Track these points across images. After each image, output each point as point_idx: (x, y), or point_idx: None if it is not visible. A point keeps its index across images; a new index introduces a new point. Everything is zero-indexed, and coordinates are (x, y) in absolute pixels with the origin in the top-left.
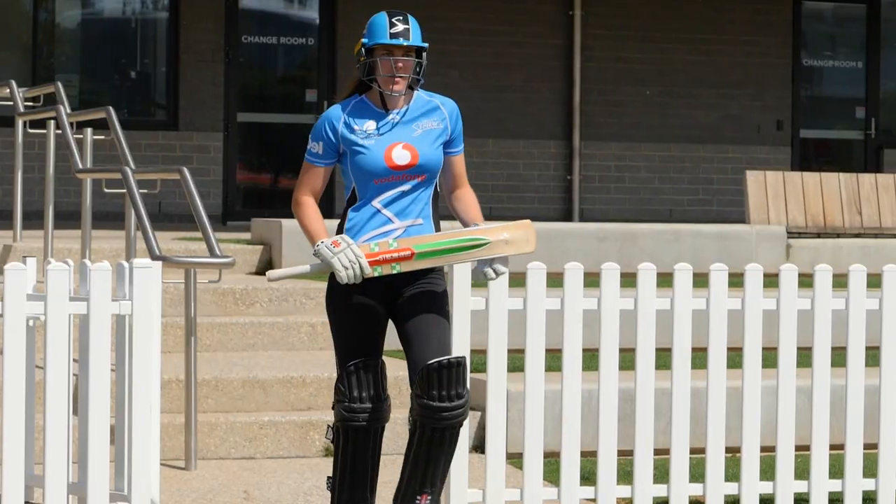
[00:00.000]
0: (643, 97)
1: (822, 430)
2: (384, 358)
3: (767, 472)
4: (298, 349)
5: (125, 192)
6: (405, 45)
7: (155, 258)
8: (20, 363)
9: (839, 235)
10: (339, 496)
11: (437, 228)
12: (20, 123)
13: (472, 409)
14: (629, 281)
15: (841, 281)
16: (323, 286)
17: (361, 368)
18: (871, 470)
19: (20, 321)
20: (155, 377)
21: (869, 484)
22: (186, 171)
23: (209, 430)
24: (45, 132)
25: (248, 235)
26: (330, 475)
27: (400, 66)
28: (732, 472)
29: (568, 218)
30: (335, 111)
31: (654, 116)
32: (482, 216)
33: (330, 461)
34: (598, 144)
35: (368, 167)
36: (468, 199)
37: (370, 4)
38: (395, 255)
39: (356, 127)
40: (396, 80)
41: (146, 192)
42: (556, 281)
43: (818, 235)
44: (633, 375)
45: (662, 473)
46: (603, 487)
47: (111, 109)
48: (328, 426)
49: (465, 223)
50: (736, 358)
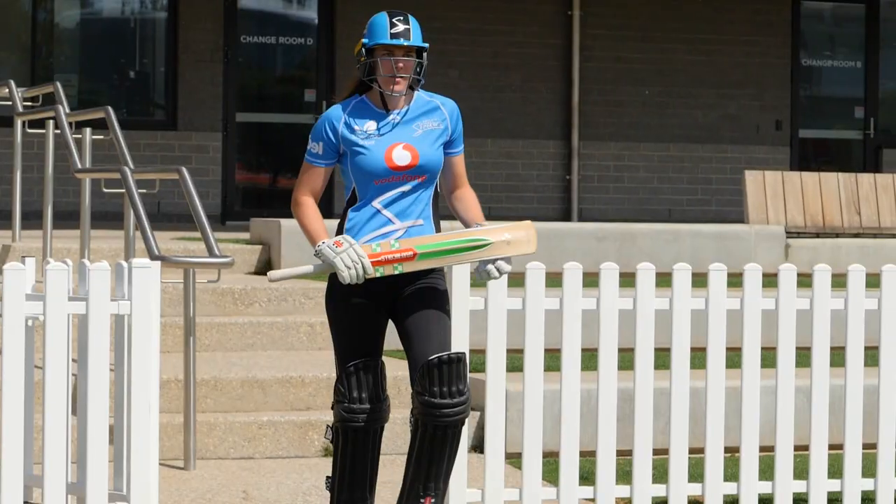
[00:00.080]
0: (642, 97)
1: (821, 429)
2: (383, 358)
3: (766, 471)
4: (297, 349)
5: (124, 191)
6: (406, 45)
7: (154, 258)
8: (19, 363)
9: (838, 235)
10: (338, 496)
11: (437, 229)
12: (19, 123)
13: (471, 409)
14: (628, 281)
15: (840, 281)
16: (322, 286)
17: (361, 369)
18: (869, 470)
19: (19, 321)
20: (154, 377)
21: (868, 484)
22: (185, 170)
23: (208, 430)
24: (43, 132)
25: (247, 235)
26: (329, 475)
27: (401, 66)
28: (731, 471)
29: (567, 218)
30: (335, 111)
31: (653, 116)
32: (483, 216)
33: (329, 461)
34: (596, 144)
35: (369, 168)
36: (469, 199)
37: (369, 4)
38: (397, 255)
39: (356, 127)
40: (397, 80)
41: (145, 191)
42: (555, 281)
43: (817, 235)
44: (632, 375)
45: (661, 473)
46: (602, 487)
47: (110, 109)
48: (327, 426)
49: (466, 223)
50: (735, 358)
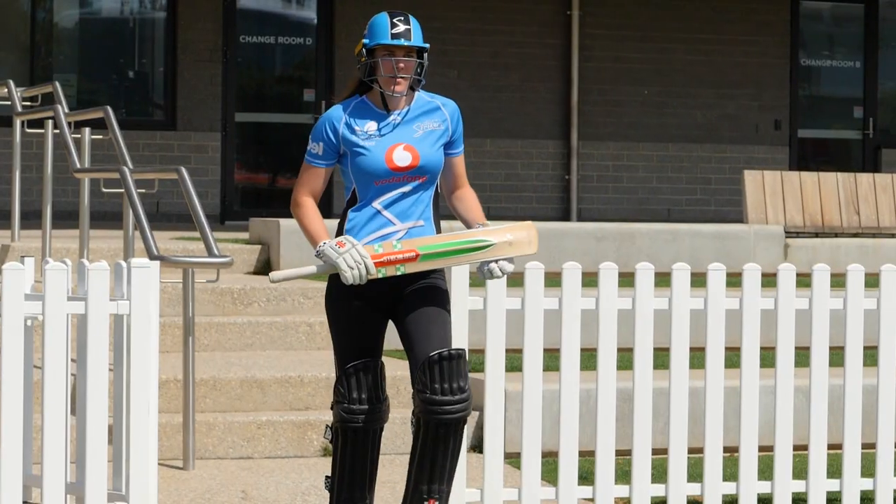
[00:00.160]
0: (641, 97)
1: (820, 429)
2: (383, 358)
3: (765, 471)
4: (296, 349)
5: (123, 191)
6: (406, 45)
7: (153, 258)
8: (18, 363)
9: (837, 235)
10: (337, 496)
11: (437, 230)
12: (18, 123)
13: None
14: (627, 281)
15: (839, 280)
16: (321, 286)
17: (361, 370)
18: (868, 470)
19: (18, 321)
20: (153, 377)
21: (867, 483)
22: (184, 170)
23: (207, 429)
24: (42, 132)
25: (246, 235)
26: (328, 474)
27: (401, 66)
28: (730, 471)
29: (566, 217)
30: (336, 112)
31: (652, 116)
32: (484, 216)
33: (328, 461)
34: (596, 144)
35: (369, 168)
36: (469, 199)
37: (368, 4)
38: (399, 256)
39: (357, 128)
40: (398, 80)
41: (144, 191)
42: (554, 281)
43: (816, 235)
44: (631, 375)
45: (660, 473)
46: (601, 487)
47: (109, 109)
48: (327, 426)
49: (467, 224)
50: (734, 357)
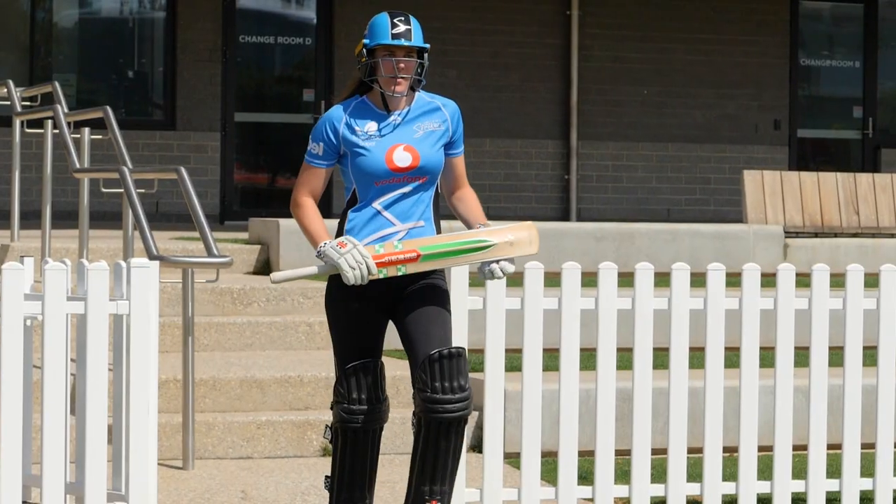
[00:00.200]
0: (641, 97)
1: (819, 429)
2: (383, 358)
3: (765, 471)
4: (296, 349)
5: (122, 191)
6: (407, 45)
7: (152, 258)
8: (17, 363)
9: (837, 235)
10: (337, 496)
11: (438, 230)
12: (17, 123)
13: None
14: (627, 280)
15: (838, 280)
16: (320, 286)
17: (360, 370)
18: (868, 469)
19: (17, 321)
20: (152, 377)
21: (866, 483)
22: (184, 170)
23: (206, 429)
24: (42, 132)
25: (245, 235)
26: (327, 474)
27: (402, 66)
28: (730, 471)
29: (565, 217)
30: (336, 112)
31: (651, 116)
32: (485, 216)
33: (327, 461)
34: (595, 144)
35: (369, 169)
36: (470, 199)
37: (367, 4)
38: (400, 256)
39: (357, 128)
40: (398, 80)
41: (143, 191)
42: (553, 281)
43: (816, 235)
44: (630, 375)
45: (660, 473)
46: (600, 487)
47: (108, 109)
48: (326, 426)
49: (468, 224)
50: (733, 357)
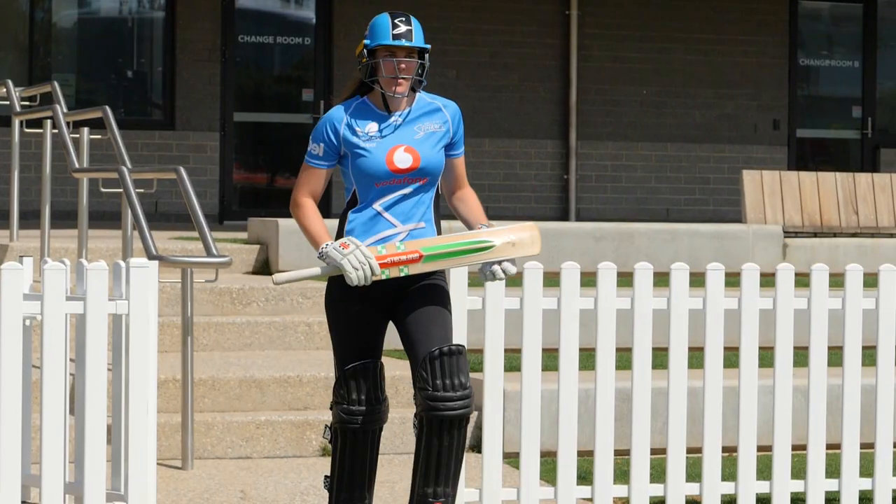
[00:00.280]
0: (640, 96)
1: (818, 429)
2: (382, 359)
3: (764, 471)
4: (295, 349)
5: (122, 191)
6: (408, 46)
7: (151, 258)
8: (17, 363)
9: (836, 235)
10: (336, 496)
11: (438, 231)
12: (17, 123)
13: None
14: (626, 280)
15: (837, 280)
16: (319, 286)
17: (360, 371)
18: (867, 469)
19: (17, 321)
20: (151, 377)
21: (865, 483)
22: (183, 170)
23: (206, 429)
24: (41, 132)
25: (244, 235)
26: (326, 474)
27: (403, 67)
28: (729, 471)
29: (565, 217)
30: (337, 113)
31: (650, 116)
32: (485, 217)
33: (327, 460)
34: (594, 144)
35: (370, 170)
36: (470, 200)
37: (366, 4)
38: (403, 257)
39: (358, 129)
40: (399, 81)
41: (143, 191)
42: (552, 280)
43: (815, 235)
44: (629, 375)
45: (659, 473)
46: (600, 487)
47: (108, 109)
48: (326, 426)
49: (469, 225)
50: (732, 357)
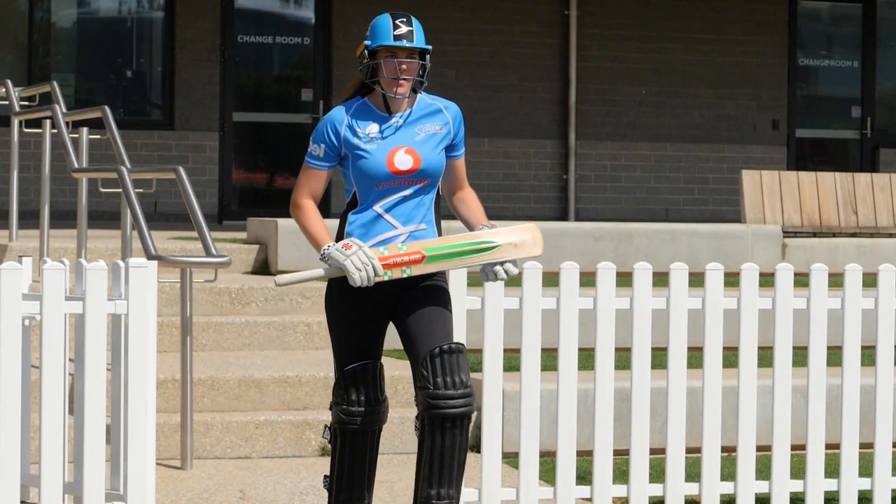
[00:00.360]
0: (639, 96)
1: (817, 429)
2: (382, 359)
3: (763, 471)
4: (294, 349)
5: (121, 191)
6: (409, 47)
7: (151, 257)
8: (16, 362)
9: (835, 235)
10: (336, 496)
11: (439, 232)
12: (16, 123)
13: None
14: (625, 280)
15: (837, 280)
16: (319, 286)
17: (360, 371)
18: (866, 469)
19: (16, 321)
20: (151, 377)
21: (865, 483)
22: (182, 170)
23: (205, 429)
24: (40, 131)
25: (243, 235)
26: (326, 474)
27: (404, 68)
28: (728, 471)
29: (564, 217)
30: (338, 114)
31: (649, 116)
32: (486, 217)
33: (326, 460)
34: (593, 144)
35: (370, 172)
36: (471, 200)
37: (366, 4)
38: (405, 258)
39: (359, 130)
40: (400, 82)
41: (142, 191)
42: (552, 280)
43: (814, 235)
44: (629, 375)
45: (658, 473)
46: (599, 487)
47: (107, 109)
48: (325, 427)
49: (470, 226)
50: (732, 357)
